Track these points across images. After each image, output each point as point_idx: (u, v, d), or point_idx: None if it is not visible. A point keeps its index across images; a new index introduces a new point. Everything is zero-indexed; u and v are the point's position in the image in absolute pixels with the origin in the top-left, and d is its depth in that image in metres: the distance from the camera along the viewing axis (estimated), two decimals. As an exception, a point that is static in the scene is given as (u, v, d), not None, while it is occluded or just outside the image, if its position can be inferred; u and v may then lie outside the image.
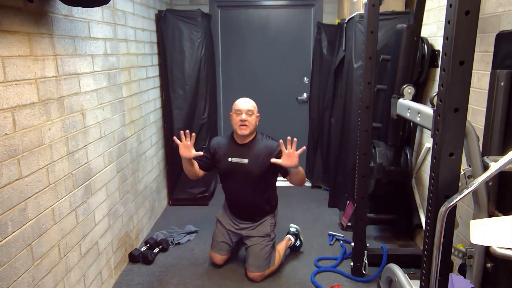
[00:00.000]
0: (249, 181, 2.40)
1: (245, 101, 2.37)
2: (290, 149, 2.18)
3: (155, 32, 3.35)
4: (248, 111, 2.33)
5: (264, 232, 2.50)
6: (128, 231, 2.69)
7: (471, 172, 1.50)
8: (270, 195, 2.55)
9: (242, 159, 2.39)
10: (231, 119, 2.42)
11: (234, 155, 2.40)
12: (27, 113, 1.57)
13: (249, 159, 2.37)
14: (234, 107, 2.38)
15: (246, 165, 2.38)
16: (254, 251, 2.46)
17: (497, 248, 1.11)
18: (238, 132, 2.36)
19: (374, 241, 2.93)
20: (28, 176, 1.58)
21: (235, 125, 2.36)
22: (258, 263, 2.44)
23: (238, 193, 2.49)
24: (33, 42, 1.61)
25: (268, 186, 2.51)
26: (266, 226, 2.52)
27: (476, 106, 2.00)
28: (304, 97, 4.12)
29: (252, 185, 2.42)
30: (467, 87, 1.16)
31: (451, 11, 1.13)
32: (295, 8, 3.98)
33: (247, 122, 2.32)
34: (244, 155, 2.39)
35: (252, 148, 2.39)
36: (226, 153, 2.42)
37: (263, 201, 2.50)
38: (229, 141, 2.46)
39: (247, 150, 2.39)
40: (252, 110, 2.36)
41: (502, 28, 1.78)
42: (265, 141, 2.42)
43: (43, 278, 1.69)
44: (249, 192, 2.45)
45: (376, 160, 2.72)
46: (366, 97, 2.23)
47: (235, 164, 2.40)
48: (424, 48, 2.59)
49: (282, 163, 2.19)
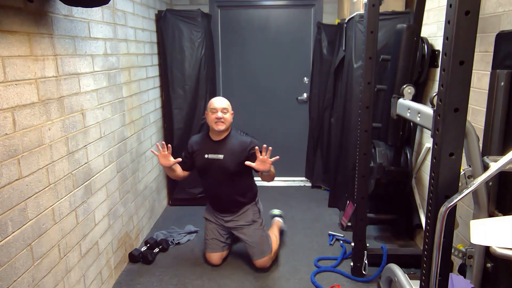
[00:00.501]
0: (225, 175, 2.49)
1: (220, 100, 2.49)
2: (264, 155, 2.30)
3: (155, 32, 3.35)
4: (223, 109, 2.44)
5: (248, 219, 2.60)
6: (128, 231, 2.69)
7: (471, 172, 1.50)
8: (245, 188, 2.61)
9: (217, 155, 2.48)
10: (207, 118, 2.52)
11: (210, 151, 2.50)
12: (27, 113, 1.58)
13: (224, 155, 2.47)
14: (210, 106, 2.48)
15: (221, 160, 2.47)
16: (251, 240, 2.55)
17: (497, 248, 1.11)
18: (214, 128, 2.45)
19: (374, 241, 2.93)
20: (28, 176, 1.58)
21: (211, 122, 2.46)
22: (261, 248, 2.54)
23: (215, 187, 2.58)
24: (33, 42, 1.61)
25: (243, 180, 2.58)
26: (249, 214, 2.61)
27: (476, 106, 2.00)
28: (304, 97, 4.12)
29: (228, 179, 2.51)
30: (467, 87, 1.16)
31: (451, 11, 1.13)
32: (295, 8, 3.98)
33: (223, 119, 2.43)
34: (219, 151, 2.48)
35: (227, 144, 2.50)
36: (202, 150, 2.53)
37: (239, 194, 2.57)
38: (205, 139, 2.57)
39: (222, 146, 2.49)
40: (227, 108, 2.47)
41: (502, 28, 1.79)
42: (239, 137, 2.53)
43: (43, 278, 1.69)
44: (225, 186, 2.53)
45: (376, 160, 2.72)
46: (366, 97, 2.23)
47: (211, 160, 2.49)
48: (424, 48, 2.59)
49: (255, 167, 2.33)
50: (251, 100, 4.16)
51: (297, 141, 4.16)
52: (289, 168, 4.24)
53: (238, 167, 2.45)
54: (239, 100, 4.14)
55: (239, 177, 2.52)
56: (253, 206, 2.64)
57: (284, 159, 4.25)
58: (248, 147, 2.46)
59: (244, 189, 2.60)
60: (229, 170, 2.46)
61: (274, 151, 4.36)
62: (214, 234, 2.65)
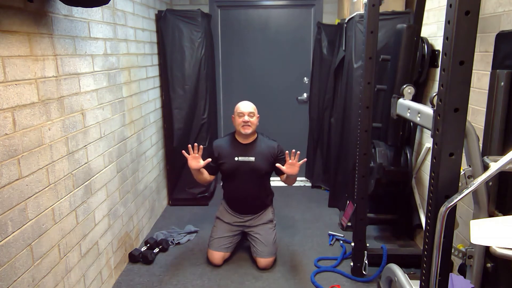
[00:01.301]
0: (254, 177, 2.57)
1: (247, 104, 2.58)
2: (293, 159, 2.36)
3: (155, 32, 3.35)
4: (250, 113, 2.53)
5: (267, 219, 2.69)
6: (128, 231, 2.69)
7: (471, 172, 1.50)
8: (268, 190, 2.74)
9: (248, 157, 2.55)
10: (234, 121, 2.58)
11: (241, 154, 2.56)
12: (27, 113, 1.57)
13: (255, 157, 2.55)
14: (237, 110, 2.56)
15: (253, 162, 2.54)
16: (263, 239, 2.60)
17: (497, 248, 1.11)
18: (242, 132, 2.53)
19: (374, 241, 2.93)
20: (28, 176, 1.58)
21: (238, 125, 2.54)
22: (269, 249, 2.59)
23: (242, 190, 2.62)
24: (33, 42, 1.61)
25: (268, 182, 2.71)
26: (268, 213, 2.71)
27: (476, 106, 2.00)
28: (304, 97, 4.12)
29: (257, 181, 2.60)
30: (467, 87, 1.16)
31: (451, 11, 1.13)
32: (295, 8, 3.98)
33: (250, 122, 2.51)
34: (250, 153, 2.55)
35: (256, 147, 2.57)
36: (231, 153, 2.56)
37: (264, 196, 2.68)
38: (231, 142, 2.60)
39: (251, 148, 2.56)
40: (253, 112, 2.55)
41: (502, 28, 1.78)
42: (266, 141, 2.62)
43: (43, 278, 1.69)
44: (253, 188, 2.61)
45: (376, 160, 2.72)
46: (366, 97, 2.23)
47: (241, 163, 2.55)
48: (424, 48, 2.59)
49: (286, 171, 2.39)
50: (251, 100, 4.14)
51: (297, 141, 4.16)
52: (289, 168, 4.24)
53: (269, 168, 2.56)
54: (239, 100, 4.12)
55: (266, 179, 2.63)
56: (271, 207, 2.77)
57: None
58: (276, 151, 2.56)
59: (268, 190, 2.72)
60: (261, 171, 2.55)
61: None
62: (222, 234, 2.67)
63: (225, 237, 2.66)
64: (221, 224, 2.70)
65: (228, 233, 2.67)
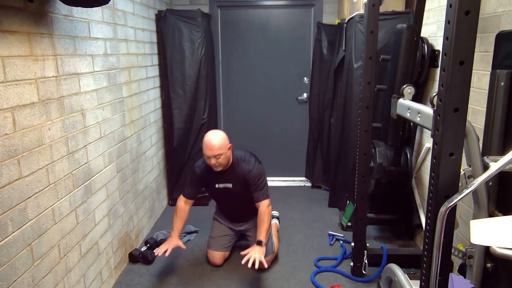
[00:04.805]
0: (237, 200, 2.57)
1: (211, 146, 2.30)
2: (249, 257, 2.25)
3: (155, 32, 3.35)
4: (216, 156, 2.31)
5: None
6: (128, 231, 2.69)
7: (471, 172, 1.50)
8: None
9: (226, 184, 2.52)
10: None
11: (219, 181, 2.53)
12: (27, 113, 1.57)
13: (232, 184, 2.51)
14: (203, 151, 2.35)
15: (231, 189, 2.52)
16: None
17: (497, 248, 1.11)
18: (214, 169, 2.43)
19: (374, 241, 2.93)
20: (28, 176, 1.58)
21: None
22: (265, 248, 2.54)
23: (230, 207, 2.69)
24: (33, 42, 1.61)
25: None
26: None
27: (476, 106, 2.00)
28: (304, 97, 4.12)
29: (240, 202, 2.58)
30: (467, 87, 1.16)
31: (451, 11, 1.13)
32: (295, 8, 3.97)
33: (218, 163, 2.34)
34: (227, 179, 2.51)
35: (232, 173, 2.50)
36: (211, 181, 2.54)
37: (253, 209, 2.52)
38: (210, 168, 2.47)
39: (228, 175, 2.51)
40: (220, 152, 2.31)
41: (502, 28, 1.78)
42: (242, 165, 2.47)
43: (43, 278, 1.69)
44: (239, 207, 2.63)
45: (376, 160, 2.72)
46: (366, 97, 2.23)
47: (222, 189, 2.55)
48: (424, 48, 2.59)
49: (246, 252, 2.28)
50: (251, 100, 4.16)
51: (297, 141, 4.16)
52: (289, 168, 4.24)
53: (247, 192, 2.48)
54: (239, 100, 4.14)
55: (249, 198, 2.51)
56: None
57: (284, 159, 4.28)
58: (248, 177, 2.43)
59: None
60: (241, 195, 2.52)
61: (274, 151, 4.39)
62: (221, 233, 2.69)
63: (224, 236, 2.67)
64: (219, 225, 2.72)
65: (226, 233, 2.69)
